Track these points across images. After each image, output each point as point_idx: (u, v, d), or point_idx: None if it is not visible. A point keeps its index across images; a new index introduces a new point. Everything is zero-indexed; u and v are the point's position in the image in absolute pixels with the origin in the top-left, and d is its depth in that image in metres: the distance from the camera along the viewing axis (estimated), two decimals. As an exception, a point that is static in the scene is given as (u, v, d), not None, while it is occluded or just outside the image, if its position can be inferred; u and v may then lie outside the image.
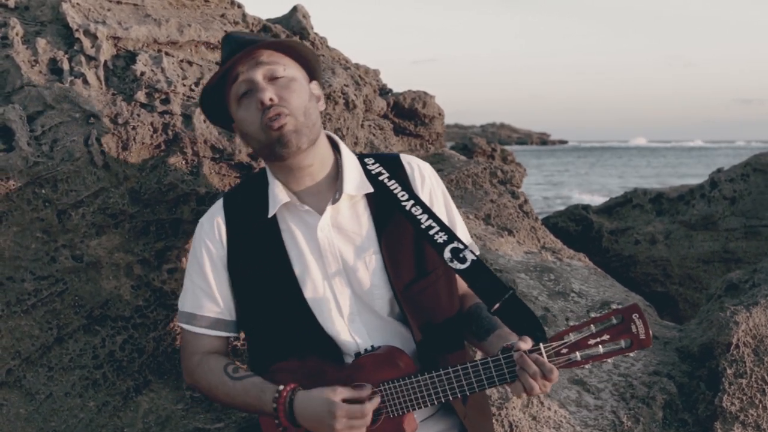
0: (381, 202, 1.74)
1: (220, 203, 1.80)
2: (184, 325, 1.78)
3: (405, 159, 1.82)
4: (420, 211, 1.71)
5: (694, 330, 2.73)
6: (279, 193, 1.72)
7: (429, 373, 1.60)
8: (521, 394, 1.54)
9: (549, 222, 4.54)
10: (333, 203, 1.71)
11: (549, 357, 1.54)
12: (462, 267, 1.67)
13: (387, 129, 3.33)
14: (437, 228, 1.69)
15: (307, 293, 1.69)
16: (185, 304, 1.78)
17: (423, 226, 1.70)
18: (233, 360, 1.76)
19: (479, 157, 4.69)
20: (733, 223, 4.16)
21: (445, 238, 1.69)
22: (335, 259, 1.70)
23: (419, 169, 1.81)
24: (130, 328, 2.06)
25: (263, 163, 2.17)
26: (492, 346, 1.67)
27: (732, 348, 2.41)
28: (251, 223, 1.74)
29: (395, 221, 1.73)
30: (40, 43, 2.04)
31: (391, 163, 1.80)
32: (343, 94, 2.62)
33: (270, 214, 1.72)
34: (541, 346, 1.54)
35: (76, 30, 2.07)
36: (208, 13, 2.46)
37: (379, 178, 1.75)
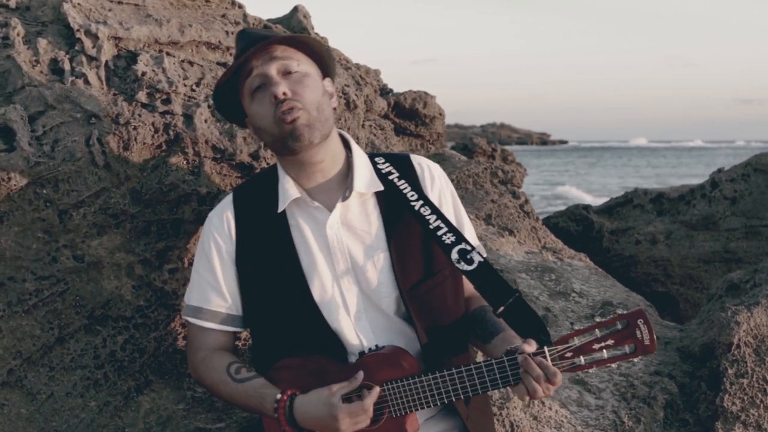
0: (390, 201, 1.74)
1: (230, 198, 1.80)
2: (191, 319, 1.78)
3: (415, 159, 1.83)
4: (429, 211, 1.71)
5: (695, 330, 2.73)
6: (290, 189, 1.71)
7: (432, 374, 1.59)
8: (524, 397, 1.54)
9: (550, 222, 4.54)
10: (343, 200, 1.71)
11: (553, 360, 1.53)
12: (469, 268, 1.67)
13: (388, 129, 3.34)
14: (445, 229, 1.69)
15: (314, 290, 1.69)
16: (192, 297, 1.78)
17: (431, 226, 1.70)
18: (238, 358, 1.76)
19: (480, 157, 4.69)
20: (733, 223, 4.16)
21: (453, 239, 1.69)
22: (343, 256, 1.70)
23: (429, 170, 1.81)
24: (131, 328, 2.06)
25: (264, 163, 2.18)
26: (496, 348, 1.66)
27: (733, 348, 2.41)
28: (260, 218, 1.74)
29: (404, 221, 1.73)
30: (41, 43, 2.04)
31: (401, 163, 1.80)
32: (344, 94, 2.62)
33: (280, 209, 1.71)
34: (546, 349, 1.54)
35: (77, 30, 2.07)
36: (209, 13, 2.46)
37: (389, 178, 1.76)
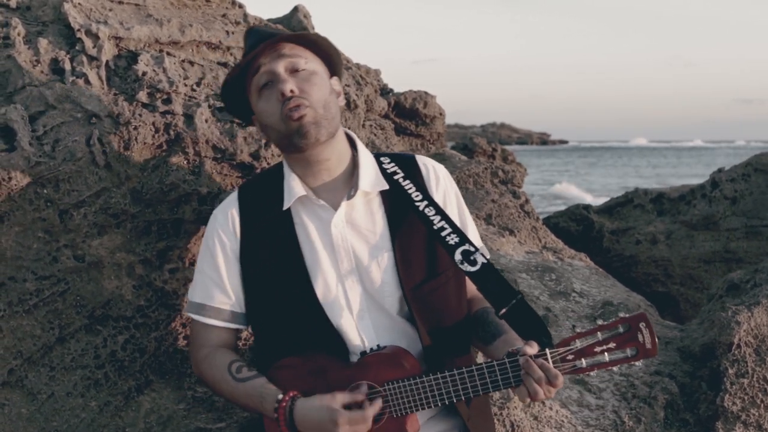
0: (395, 200, 1.74)
1: (235, 195, 1.80)
2: (194, 315, 1.78)
3: (421, 160, 1.83)
4: (433, 212, 1.71)
5: (696, 330, 2.73)
6: (295, 186, 1.72)
7: (434, 375, 1.59)
8: (525, 399, 1.54)
9: (550, 222, 4.54)
10: (348, 199, 1.71)
11: (554, 363, 1.54)
12: (472, 269, 1.67)
13: (388, 129, 3.34)
14: (449, 230, 1.69)
15: (317, 288, 1.69)
16: (195, 294, 1.78)
17: (435, 227, 1.70)
18: (240, 356, 1.76)
19: (480, 157, 4.69)
20: (734, 223, 4.16)
21: (456, 240, 1.69)
22: (347, 255, 1.70)
23: (434, 171, 1.82)
24: (132, 328, 2.06)
25: (264, 163, 2.18)
26: (498, 350, 1.66)
27: (733, 348, 2.41)
28: (265, 215, 1.74)
29: (408, 221, 1.73)
30: (42, 43, 2.04)
31: (406, 163, 1.81)
32: (345, 94, 2.62)
33: (285, 207, 1.72)
34: (547, 351, 1.54)
35: (78, 30, 2.07)
36: (209, 13, 2.46)
37: (394, 177, 1.76)
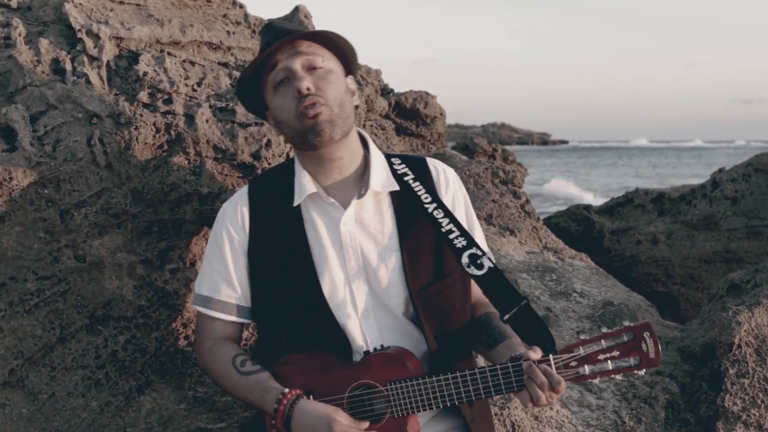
0: (404, 201, 1.75)
1: (245, 190, 1.80)
2: (200, 308, 1.79)
3: (431, 162, 1.84)
4: (442, 214, 1.72)
5: (696, 330, 2.73)
6: (306, 183, 1.72)
7: (437, 376, 1.60)
8: (528, 404, 1.55)
9: (551, 222, 4.54)
10: (358, 198, 1.72)
11: (557, 369, 1.54)
12: (479, 273, 1.68)
13: (389, 129, 3.34)
14: (457, 233, 1.70)
15: (324, 285, 1.69)
16: (202, 287, 1.79)
17: (444, 229, 1.70)
18: (244, 350, 1.76)
19: (480, 157, 4.69)
20: (734, 223, 4.16)
21: (464, 243, 1.69)
22: (355, 254, 1.71)
23: (444, 174, 1.83)
24: (133, 328, 2.06)
25: (265, 163, 2.18)
26: (500, 355, 1.67)
27: (734, 348, 2.41)
28: (275, 211, 1.75)
29: (417, 222, 1.73)
30: (43, 43, 2.04)
31: (417, 165, 1.81)
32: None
33: (295, 203, 1.72)
34: (551, 357, 1.55)
35: (79, 30, 2.07)
36: (210, 13, 2.47)
37: (405, 179, 1.77)
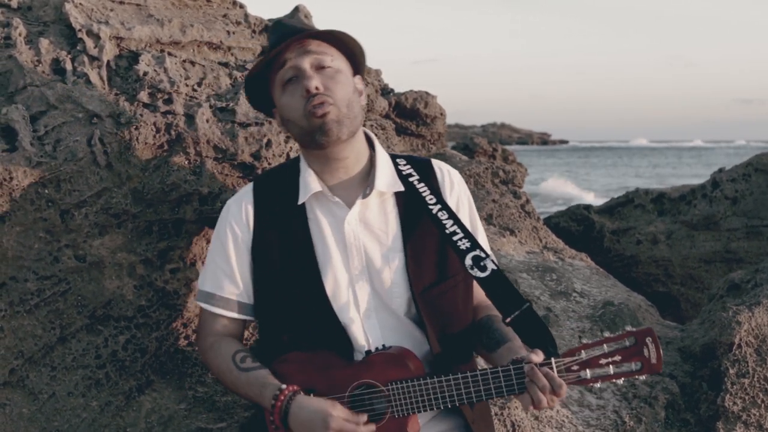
0: (409, 202, 1.75)
1: (250, 187, 1.81)
2: (203, 304, 1.79)
3: (436, 164, 1.84)
4: (446, 216, 1.72)
5: (696, 330, 2.73)
6: (311, 182, 1.72)
7: (438, 377, 1.60)
8: (528, 407, 1.55)
9: (551, 222, 4.54)
10: (363, 198, 1.72)
11: (559, 372, 1.54)
12: (482, 275, 1.68)
13: (389, 129, 3.34)
14: (461, 234, 1.70)
15: (327, 284, 1.70)
16: (205, 283, 1.79)
17: (448, 231, 1.70)
18: (245, 347, 1.77)
19: (481, 157, 4.69)
20: (734, 223, 4.16)
21: (468, 245, 1.69)
22: (359, 253, 1.71)
23: (449, 175, 1.83)
24: (133, 328, 2.06)
25: (266, 163, 2.18)
26: (502, 358, 1.66)
27: (734, 348, 2.41)
28: (279, 209, 1.75)
29: (421, 223, 1.74)
30: (43, 43, 2.04)
31: (422, 166, 1.82)
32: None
33: (300, 201, 1.72)
34: (553, 360, 1.55)
35: (79, 30, 2.07)
36: (210, 13, 2.47)
37: (410, 179, 1.77)
